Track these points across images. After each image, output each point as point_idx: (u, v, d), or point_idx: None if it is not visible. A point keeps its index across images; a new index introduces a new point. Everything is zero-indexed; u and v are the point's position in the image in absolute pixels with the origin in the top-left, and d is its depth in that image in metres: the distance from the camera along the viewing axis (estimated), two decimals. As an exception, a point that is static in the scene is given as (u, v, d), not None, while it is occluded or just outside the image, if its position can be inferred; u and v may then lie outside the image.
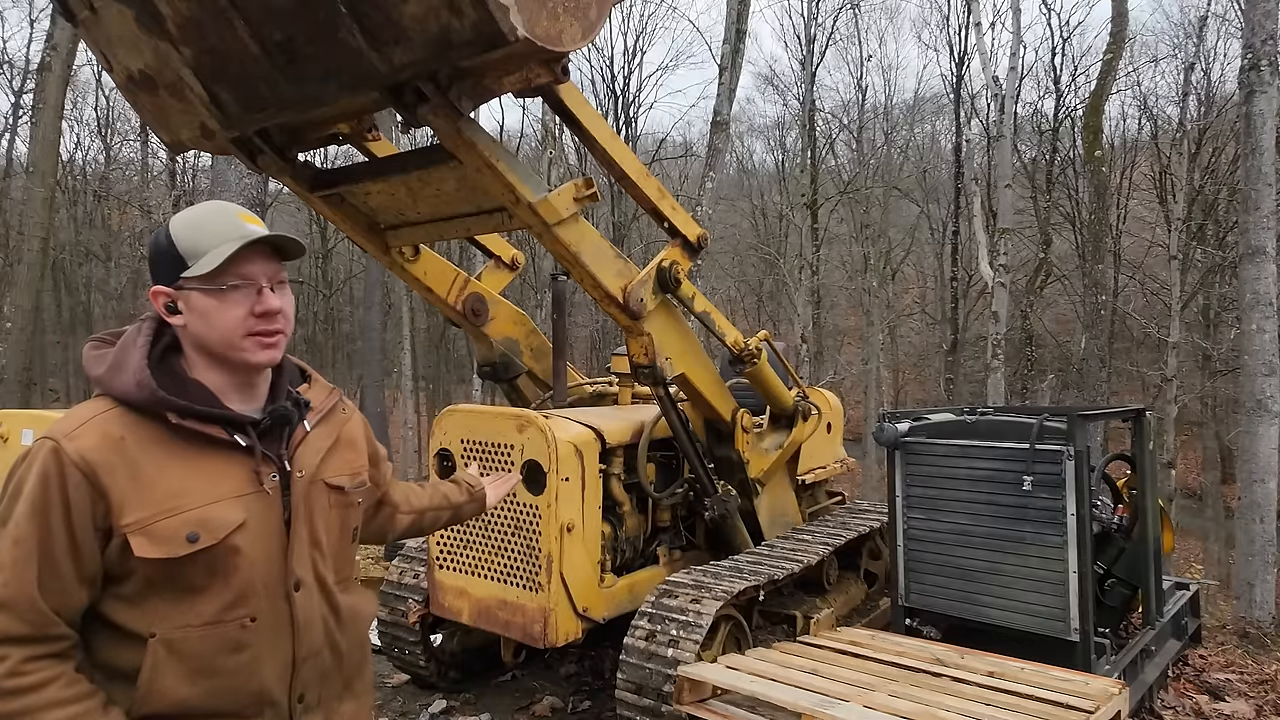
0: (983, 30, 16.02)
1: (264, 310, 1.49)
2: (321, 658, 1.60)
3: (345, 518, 1.68)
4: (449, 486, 2.26)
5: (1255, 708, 4.36)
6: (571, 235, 3.16)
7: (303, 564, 1.55)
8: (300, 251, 1.57)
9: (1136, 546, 4.35)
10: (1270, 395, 7.37)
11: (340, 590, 1.65)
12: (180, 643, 1.42)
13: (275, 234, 1.52)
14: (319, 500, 1.60)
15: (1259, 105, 7.46)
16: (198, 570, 1.43)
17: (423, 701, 4.35)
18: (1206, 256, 18.26)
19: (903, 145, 27.26)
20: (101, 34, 2.58)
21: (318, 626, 1.58)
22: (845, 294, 29.12)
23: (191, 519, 1.42)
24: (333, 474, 1.64)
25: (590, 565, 3.83)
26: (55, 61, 10.23)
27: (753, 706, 3.24)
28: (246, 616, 1.48)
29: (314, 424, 1.64)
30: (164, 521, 1.40)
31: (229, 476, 1.48)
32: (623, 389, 5.08)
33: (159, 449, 1.44)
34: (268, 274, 1.51)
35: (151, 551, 1.38)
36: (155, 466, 1.42)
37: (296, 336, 30.85)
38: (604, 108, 23.63)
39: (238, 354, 1.50)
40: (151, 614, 1.42)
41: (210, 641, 1.45)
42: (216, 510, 1.44)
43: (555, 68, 2.41)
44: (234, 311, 1.48)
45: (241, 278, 1.48)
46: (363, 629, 1.74)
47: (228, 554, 1.45)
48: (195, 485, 1.44)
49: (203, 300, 1.47)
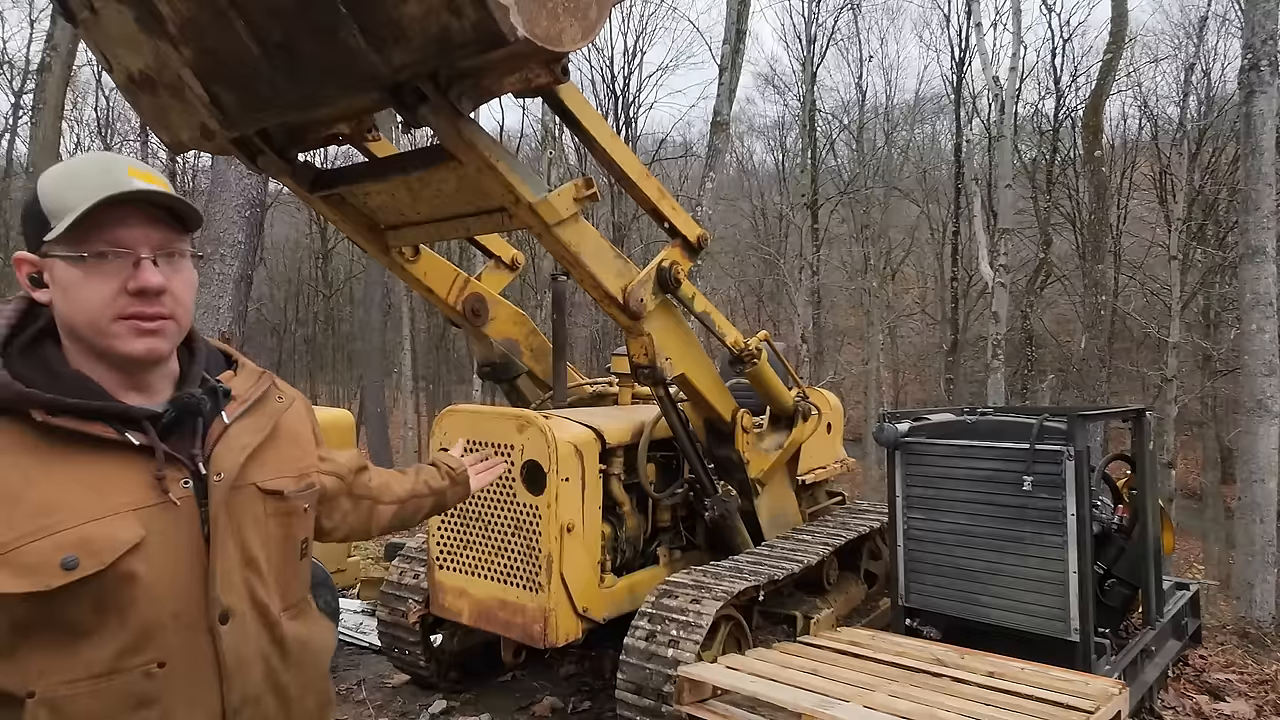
0: (983, 31, 16.05)
1: (138, 287, 1.19)
2: (262, 705, 1.31)
3: (289, 528, 1.39)
4: (429, 471, 2.03)
5: (1255, 708, 4.36)
6: (571, 235, 3.16)
7: (232, 589, 1.27)
8: (197, 219, 1.26)
9: (1136, 546, 4.35)
10: (1270, 395, 7.36)
11: (289, 618, 1.37)
12: (67, 702, 1.14)
13: (160, 191, 1.21)
14: (249, 509, 1.31)
15: (1259, 105, 7.45)
16: (81, 606, 1.14)
17: (423, 701, 4.35)
18: (1206, 256, 18.28)
19: (903, 145, 27.32)
20: (101, 34, 2.58)
21: (255, 667, 1.30)
22: (845, 294, 29.12)
23: (67, 540, 1.12)
24: (268, 476, 1.36)
25: (590, 565, 3.83)
26: (55, 61, 10.23)
27: (753, 707, 3.23)
28: (152, 662, 1.19)
29: (236, 416, 1.34)
30: (33, 545, 1.11)
31: (121, 486, 1.19)
32: (623, 389, 5.08)
33: (24, 457, 1.14)
34: (151, 242, 1.21)
35: (16, 585, 1.09)
36: (21, 478, 1.13)
37: (297, 336, 30.91)
38: (604, 108, 23.64)
39: (104, 341, 1.20)
40: (26, 668, 1.13)
41: (107, 698, 1.16)
42: (101, 527, 1.15)
43: (555, 68, 2.41)
44: (100, 287, 1.18)
45: (111, 244, 1.18)
46: (317, 666, 1.45)
47: (120, 583, 1.16)
48: (73, 498, 1.15)
49: (65, 271, 1.18)
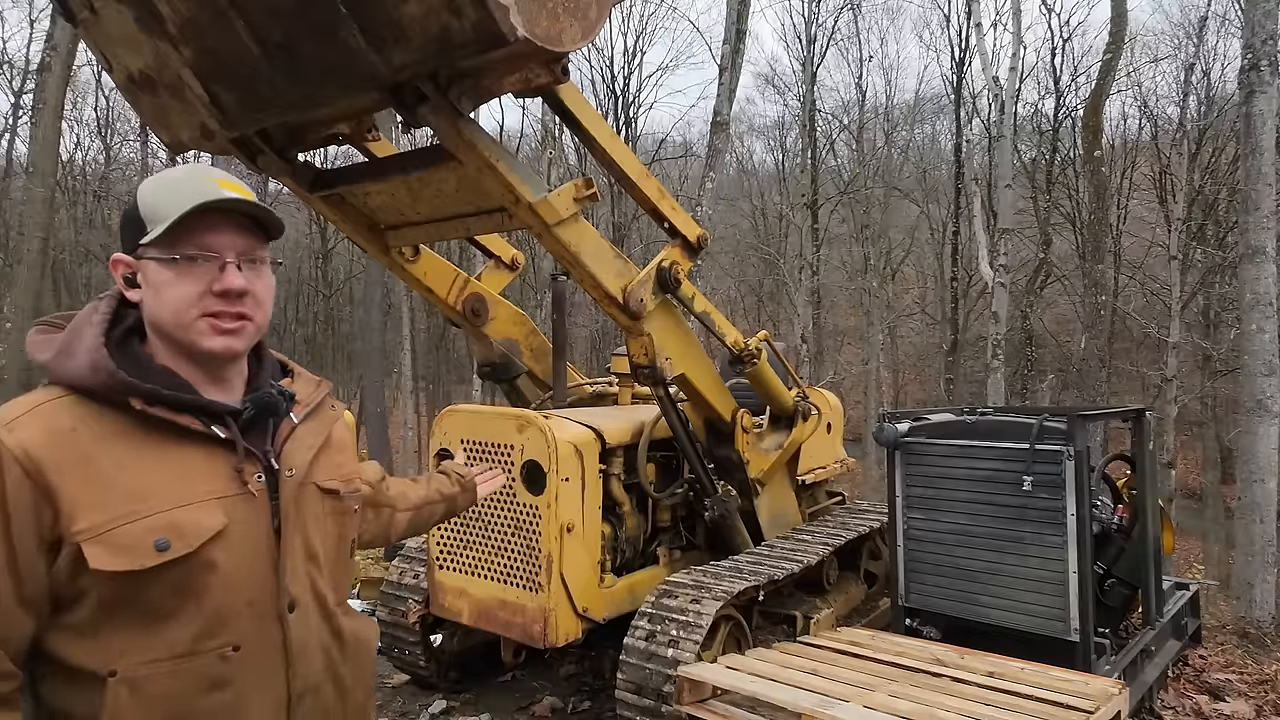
0: (983, 31, 16.04)
1: (222, 289, 1.27)
2: (322, 694, 1.36)
3: (342, 527, 1.47)
4: (439, 479, 2.16)
5: (1255, 708, 4.36)
6: (571, 235, 3.16)
7: (298, 580, 1.33)
8: (280, 228, 1.35)
9: (1136, 546, 4.35)
10: (1270, 395, 7.36)
11: (341, 613, 1.44)
12: (148, 682, 1.18)
13: (248, 201, 1.29)
14: (312, 506, 1.39)
15: (1259, 105, 7.45)
16: (164, 589, 1.20)
17: (423, 702, 4.35)
18: (1206, 256, 18.28)
19: (903, 145, 27.33)
20: (101, 34, 2.58)
21: (317, 656, 1.36)
22: (845, 294, 29.14)
23: (160, 523, 1.18)
24: (325, 477, 1.43)
25: (590, 565, 3.83)
26: (55, 61, 10.22)
27: (753, 707, 3.23)
28: (227, 645, 1.24)
29: (302, 418, 1.42)
30: (126, 527, 1.17)
31: (205, 475, 1.26)
32: (623, 389, 5.08)
33: (119, 442, 1.21)
34: (237, 248, 1.29)
35: (111, 563, 1.15)
36: (114, 463, 1.19)
37: (297, 336, 30.93)
38: (604, 108, 23.63)
39: (187, 336, 1.28)
40: (110, 647, 1.18)
41: (185, 678, 1.21)
42: (191, 513, 1.21)
43: (555, 68, 2.41)
44: (187, 287, 1.26)
45: (201, 248, 1.27)
46: (369, 659, 1.52)
47: (201, 569, 1.22)
48: (164, 484, 1.21)
49: (157, 272, 1.27)
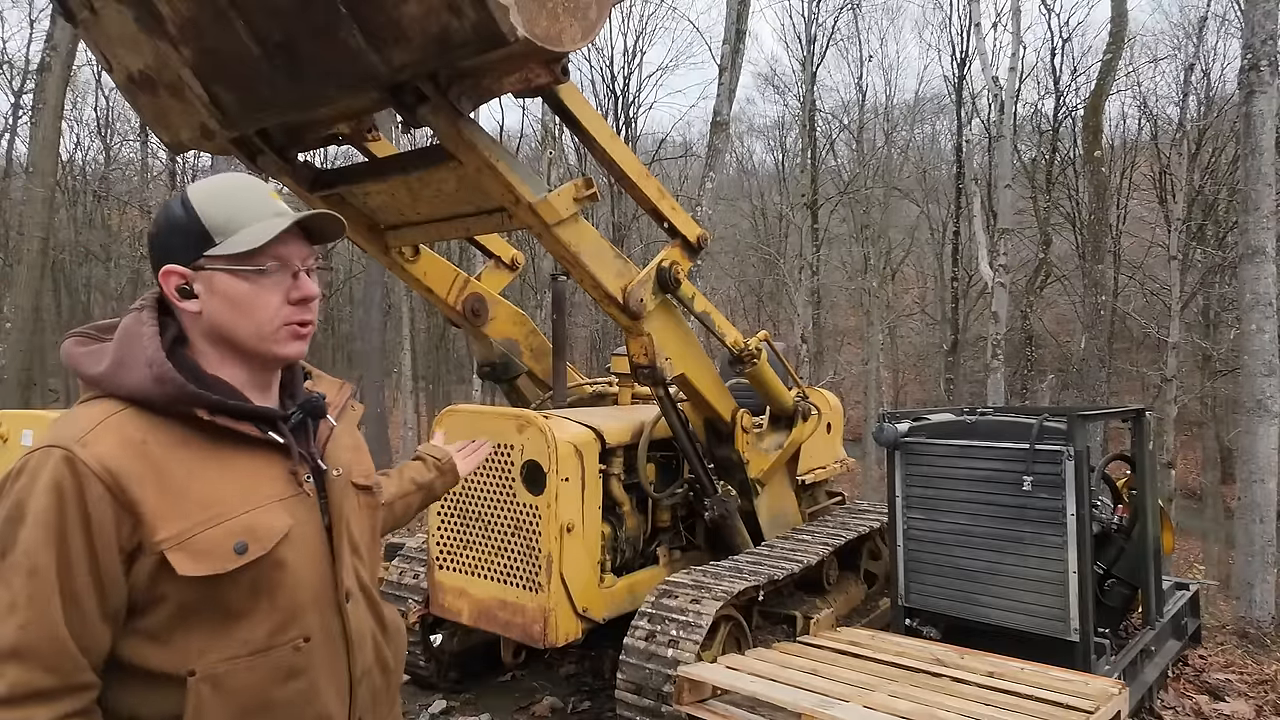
0: (983, 31, 16.04)
1: (301, 296, 1.33)
2: (372, 676, 1.44)
3: (373, 520, 1.55)
4: (413, 467, 2.09)
5: (1255, 708, 4.36)
6: (571, 235, 3.16)
7: (349, 572, 1.40)
8: (339, 230, 1.39)
9: (1136, 546, 4.35)
10: (1270, 395, 7.36)
11: (380, 600, 1.52)
12: (228, 677, 1.23)
13: (317, 211, 1.35)
14: (351, 502, 1.45)
15: (1259, 105, 7.45)
16: (240, 590, 1.24)
17: (423, 702, 4.35)
18: (1206, 257, 18.27)
19: (903, 145, 27.32)
20: (101, 34, 2.59)
21: (368, 641, 1.43)
22: (845, 294, 29.14)
23: (236, 527, 1.24)
24: (358, 473, 1.51)
25: (590, 565, 3.83)
26: (55, 61, 10.23)
27: (753, 706, 3.23)
28: (299, 637, 1.30)
29: (336, 419, 1.50)
30: (206, 533, 1.21)
31: (266, 479, 1.31)
32: (623, 389, 5.08)
33: (184, 451, 1.25)
34: (302, 256, 1.35)
35: (196, 569, 1.19)
36: (184, 471, 1.23)
37: (296, 336, 30.88)
38: (604, 108, 23.62)
39: (267, 346, 1.32)
40: (187, 649, 1.22)
41: (262, 671, 1.26)
42: (261, 516, 1.27)
43: (555, 68, 2.41)
44: (269, 297, 1.31)
45: (278, 259, 1.31)
46: (404, 643, 1.59)
47: (273, 568, 1.27)
48: (232, 490, 1.26)
49: (232, 284, 1.29)
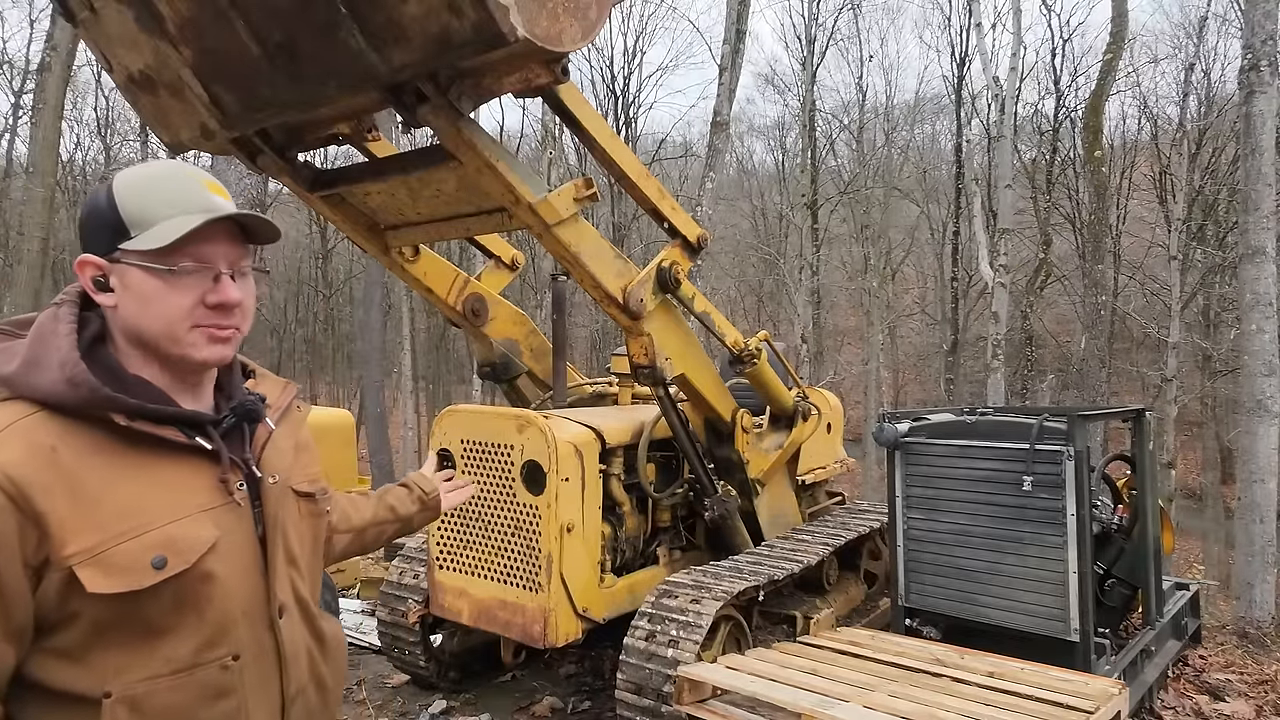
0: (983, 31, 16.04)
1: (218, 302, 1.23)
2: (307, 695, 1.36)
3: (316, 529, 1.47)
4: (397, 494, 1.97)
5: (1255, 708, 4.36)
6: (571, 235, 3.16)
7: (284, 585, 1.32)
8: (274, 235, 1.30)
9: (1136, 546, 4.35)
10: (1270, 395, 7.36)
11: (317, 615, 1.43)
12: (148, 698, 1.15)
13: (246, 212, 1.26)
14: (290, 510, 1.37)
15: (1259, 105, 7.44)
16: (162, 605, 1.16)
17: (423, 701, 4.35)
18: (1206, 257, 18.27)
19: (903, 145, 27.32)
20: (101, 34, 2.58)
21: (303, 658, 1.36)
22: (845, 294, 29.16)
23: (155, 540, 1.15)
24: (300, 480, 1.42)
25: (590, 565, 3.83)
26: (55, 61, 10.22)
27: (753, 707, 3.23)
28: (228, 655, 1.23)
29: (276, 423, 1.41)
30: (121, 546, 1.12)
31: (191, 487, 1.22)
32: (623, 389, 5.08)
33: (101, 459, 1.16)
34: (229, 258, 1.25)
35: (109, 585, 1.11)
36: (99, 481, 1.14)
37: (297, 336, 30.92)
38: (604, 108, 23.62)
39: (177, 348, 1.23)
40: (102, 668, 1.14)
41: (187, 691, 1.18)
42: (185, 527, 1.18)
43: (555, 68, 2.41)
44: (180, 299, 1.21)
45: (196, 259, 1.22)
46: (343, 659, 1.51)
47: (199, 581, 1.19)
48: (152, 500, 1.18)
49: (143, 280, 1.20)
